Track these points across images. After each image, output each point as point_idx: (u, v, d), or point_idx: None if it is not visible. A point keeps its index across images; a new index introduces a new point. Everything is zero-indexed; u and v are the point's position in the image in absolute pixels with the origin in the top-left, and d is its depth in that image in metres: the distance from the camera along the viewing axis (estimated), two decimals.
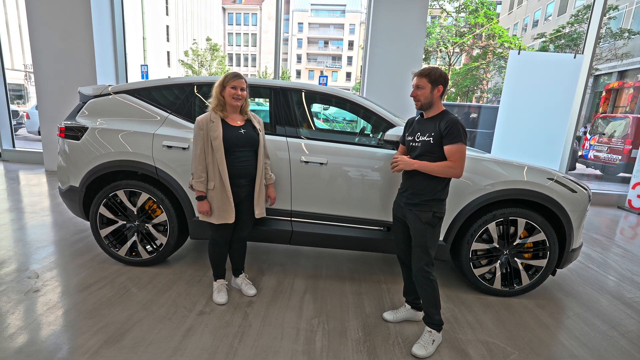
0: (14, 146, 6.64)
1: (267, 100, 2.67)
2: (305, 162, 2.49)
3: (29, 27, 5.41)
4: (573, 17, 20.16)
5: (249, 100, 2.18)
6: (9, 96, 6.52)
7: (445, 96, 1.97)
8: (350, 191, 2.51)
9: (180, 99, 2.65)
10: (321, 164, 2.48)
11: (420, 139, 1.93)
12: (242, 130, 2.12)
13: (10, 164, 6.31)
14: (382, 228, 2.55)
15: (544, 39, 21.70)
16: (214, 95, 2.09)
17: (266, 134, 2.51)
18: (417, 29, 5.23)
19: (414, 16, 5.20)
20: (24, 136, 9.94)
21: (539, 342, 2.12)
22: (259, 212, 2.24)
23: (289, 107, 2.60)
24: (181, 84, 2.67)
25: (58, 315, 2.08)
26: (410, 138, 2.01)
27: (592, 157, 9.32)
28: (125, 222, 2.64)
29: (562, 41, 20.18)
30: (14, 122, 8.56)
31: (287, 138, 2.54)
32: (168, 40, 36.64)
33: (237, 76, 2.07)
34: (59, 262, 2.75)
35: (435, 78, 1.87)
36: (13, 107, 10.63)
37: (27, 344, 1.82)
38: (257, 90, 2.74)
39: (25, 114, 9.82)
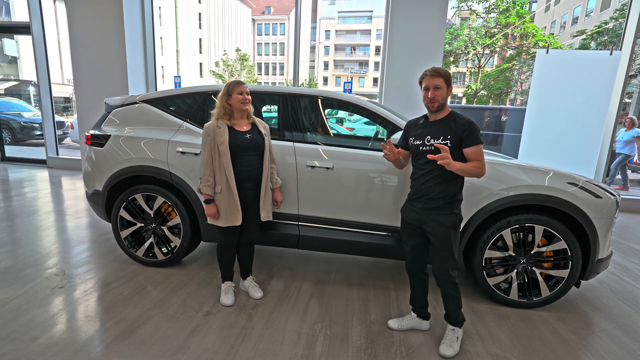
0: (57, 154, 7.20)
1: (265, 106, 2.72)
2: (311, 166, 2.51)
3: (71, 44, 5.90)
4: (617, 12, 18.88)
5: (251, 105, 2.25)
6: (54, 108, 7.10)
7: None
8: (356, 196, 2.50)
9: (194, 106, 2.77)
10: (327, 168, 2.49)
11: (433, 142, 1.88)
12: (248, 135, 2.18)
13: (55, 170, 6.85)
14: (389, 233, 2.50)
15: (584, 36, 20.45)
16: (219, 105, 2.17)
17: (274, 139, 2.56)
18: (436, 33, 5.12)
19: (432, 20, 5.10)
20: (68, 145, 10.76)
21: (556, 359, 1.97)
22: (265, 215, 2.29)
23: (294, 113, 2.64)
24: (195, 93, 2.79)
25: (77, 310, 2.23)
26: (419, 142, 1.94)
27: (638, 162, 8.58)
28: (143, 225, 2.79)
29: (605, 38, 18.92)
30: (59, 132, 9.31)
31: (294, 143, 2.58)
32: (200, 52, 38.42)
33: (240, 82, 2.16)
34: (86, 260, 2.94)
35: (449, 78, 1.88)
36: (62, 118, 11.56)
37: (48, 336, 1.96)
38: (264, 97, 2.81)
39: (69, 124, 10.64)
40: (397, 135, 2.29)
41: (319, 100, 2.75)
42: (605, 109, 4.93)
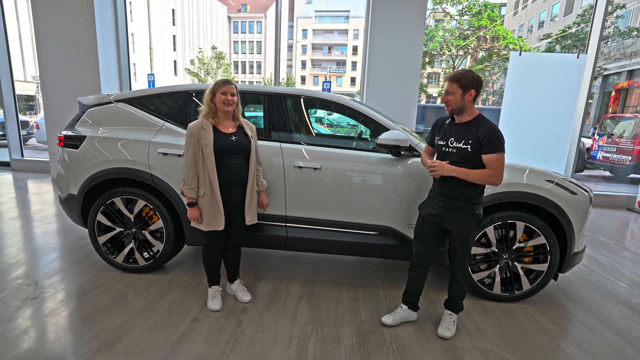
0: (22, 156, 6.78)
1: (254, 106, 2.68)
2: (299, 167, 2.48)
3: (36, 39, 5.56)
4: (579, 17, 19.98)
5: (240, 106, 2.19)
6: (17, 107, 6.68)
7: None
8: (344, 196, 2.50)
9: (175, 106, 2.68)
10: (315, 168, 2.48)
11: (455, 145, 1.90)
12: (234, 137, 2.12)
13: (19, 173, 6.44)
14: (376, 232, 2.52)
15: (549, 40, 21.51)
16: (205, 102, 2.10)
17: (260, 139, 2.51)
18: (415, 33, 5.22)
19: (412, 20, 5.19)
20: (33, 146, 10.16)
21: (539, 350, 2.06)
22: (250, 218, 2.24)
23: (281, 113, 2.60)
24: (176, 92, 2.70)
25: (53, 322, 2.10)
26: (442, 142, 1.98)
27: (601, 158, 9.13)
28: (122, 229, 2.66)
29: (569, 41, 19.98)
30: (24, 133, 8.77)
31: (281, 143, 2.54)
32: (174, 50, 37.33)
33: (226, 82, 2.08)
34: (59, 269, 2.78)
35: (466, 82, 1.84)
36: (24, 117, 10.89)
37: (22, 352, 1.83)
38: (249, 97, 2.76)
39: (35, 124, 10.05)
40: (386, 135, 2.32)
41: (308, 100, 2.73)
42: (573, 109, 5.19)
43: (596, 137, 9.62)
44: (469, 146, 1.86)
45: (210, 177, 2.05)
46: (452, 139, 1.92)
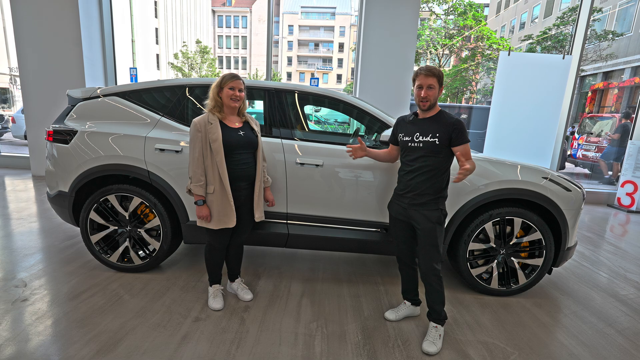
0: None
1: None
2: (300, 164, 2.46)
3: (15, 29, 5.28)
4: (559, 19, 20.61)
5: (246, 102, 2.14)
6: None
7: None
8: (346, 193, 2.49)
9: (172, 101, 2.60)
10: (317, 165, 2.46)
11: (422, 139, 1.93)
12: (241, 132, 2.08)
13: None
14: (378, 229, 2.53)
15: (531, 41, 22.10)
16: (210, 96, 2.05)
17: (261, 136, 2.47)
18: (408, 30, 5.25)
19: (405, 18, 5.22)
20: (9, 140, 9.70)
21: (538, 342, 2.12)
22: (259, 215, 2.20)
23: (283, 109, 2.57)
24: (173, 86, 2.62)
25: (48, 324, 2.01)
26: (408, 138, 2.00)
27: (581, 156, 9.47)
28: (116, 228, 2.57)
29: (549, 43, 20.59)
30: None
31: (282, 140, 2.51)
32: (157, 43, 36.26)
33: (234, 77, 2.03)
34: (48, 269, 2.67)
35: (442, 78, 1.93)
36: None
37: (16, 356, 1.74)
38: (250, 92, 2.70)
39: (10, 118, 9.59)
40: (388, 132, 2.32)
41: (309, 96, 2.69)
42: (559, 108, 5.36)
43: (576, 135, 9.96)
44: (437, 139, 1.90)
45: (220, 172, 2.00)
46: (418, 133, 1.95)
